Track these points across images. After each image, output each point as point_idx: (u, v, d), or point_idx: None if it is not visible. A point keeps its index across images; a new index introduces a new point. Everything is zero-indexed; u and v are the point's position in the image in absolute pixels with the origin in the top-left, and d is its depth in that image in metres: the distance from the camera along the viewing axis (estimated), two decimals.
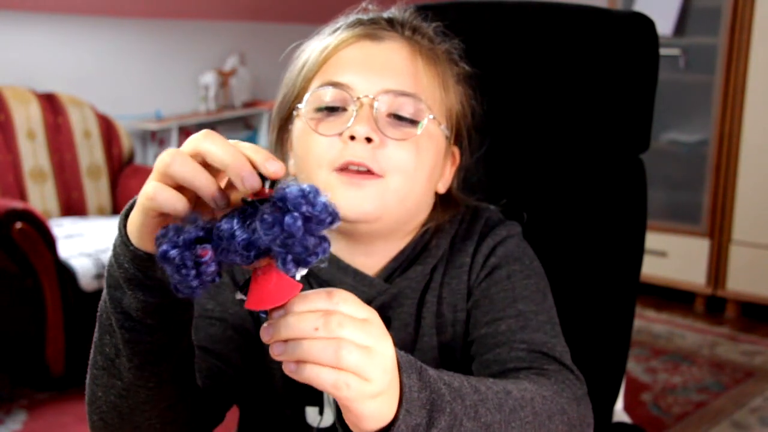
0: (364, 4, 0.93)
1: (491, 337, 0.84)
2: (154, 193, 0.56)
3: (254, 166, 0.54)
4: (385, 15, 0.91)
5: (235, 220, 0.53)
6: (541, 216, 1.10)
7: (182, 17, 4.12)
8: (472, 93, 0.94)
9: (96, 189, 3.29)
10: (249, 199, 0.54)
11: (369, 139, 0.80)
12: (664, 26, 3.41)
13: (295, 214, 0.52)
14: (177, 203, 0.55)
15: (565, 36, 1.12)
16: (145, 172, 3.37)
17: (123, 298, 0.64)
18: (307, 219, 0.52)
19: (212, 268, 0.53)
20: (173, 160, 0.55)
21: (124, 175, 3.37)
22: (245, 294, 0.56)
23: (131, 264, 0.62)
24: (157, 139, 4.01)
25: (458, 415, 0.64)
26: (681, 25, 3.46)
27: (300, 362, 0.55)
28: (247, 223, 0.53)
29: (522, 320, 0.84)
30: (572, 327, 0.93)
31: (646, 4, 3.40)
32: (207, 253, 0.53)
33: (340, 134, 0.81)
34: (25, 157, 3.09)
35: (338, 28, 0.88)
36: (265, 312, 0.56)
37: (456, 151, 0.92)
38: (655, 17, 1.12)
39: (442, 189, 0.91)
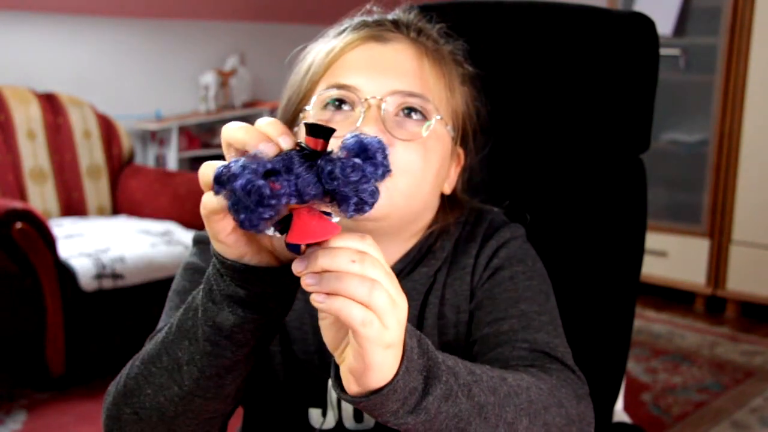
0: (368, 6, 0.93)
1: (493, 336, 0.84)
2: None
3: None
4: (390, 17, 0.90)
5: (296, 161, 0.55)
6: (541, 216, 1.10)
7: (182, 17, 4.12)
8: (476, 94, 0.94)
9: (96, 189, 3.29)
10: (307, 147, 0.56)
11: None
12: (664, 26, 3.42)
13: (376, 161, 0.56)
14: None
15: (565, 36, 1.12)
16: (145, 172, 3.37)
17: (218, 314, 0.65)
18: (383, 167, 0.56)
19: (284, 201, 0.54)
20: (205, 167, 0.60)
21: (124, 175, 3.37)
22: (281, 232, 0.58)
23: (231, 280, 0.63)
24: (157, 139, 4.01)
25: (453, 388, 0.64)
26: (681, 25, 3.46)
27: (331, 294, 0.56)
28: (307, 164, 0.55)
29: (524, 320, 0.84)
30: (573, 327, 0.93)
31: (646, 4, 3.41)
32: (281, 186, 0.54)
33: None
34: (25, 157, 3.09)
35: (343, 31, 0.88)
36: (297, 249, 0.58)
37: (461, 152, 0.92)
38: (655, 17, 1.12)
39: (447, 190, 0.91)
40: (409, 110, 0.83)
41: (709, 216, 3.42)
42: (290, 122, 0.89)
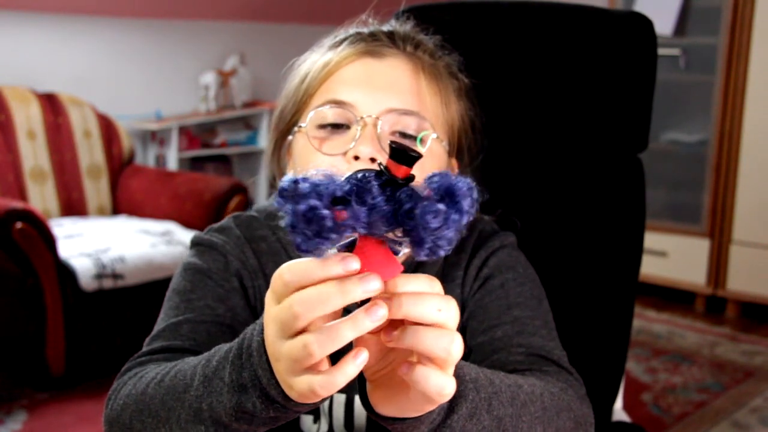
0: (362, 17, 0.92)
1: (488, 344, 0.84)
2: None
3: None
4: (385, 29, 0.89)
5: (372, 188, 0.51)
6: (540, 216, 1.10)
7: (182, 17, 4.12)
8: (471, 105, 0.93)
9: (96, 189, 3.29)
10: (387, 171, 0.52)
11: (373, 159, 0.79)
12: (664, 26, 3.41)
13: (461, 208, 0.51)
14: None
15: (564, 36, 1.12)
16: (145, 172, 3.37)
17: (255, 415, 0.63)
18: (468, 215, 0.51)
19: (348, 232, 0.51)
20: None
21: (124, 175, 3.37)
22: (341, 250, 0.54)
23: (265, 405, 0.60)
24: (157, 139, 4.01)
25: (477, 405, 0.64)
26: (681, 25, 3.46)
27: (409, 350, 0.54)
28: (385, 194, 0.51)
29: (518, 325, 0.84)
30: (572, 327, 0.93)
31: (646, 4, 3.41)
32: (347, 216, 0.50)
33: (344, 154, 0.80)
34: (25, 157, 3.09)
35: (338, 43, 0.87)
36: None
37: (455, 164, 0.92)
38: (655, 17, 1.12)
39: None
40: (404, 136, 0.82)
41: (709, 216, 3.42)
42: (284, 133, 0.88)
